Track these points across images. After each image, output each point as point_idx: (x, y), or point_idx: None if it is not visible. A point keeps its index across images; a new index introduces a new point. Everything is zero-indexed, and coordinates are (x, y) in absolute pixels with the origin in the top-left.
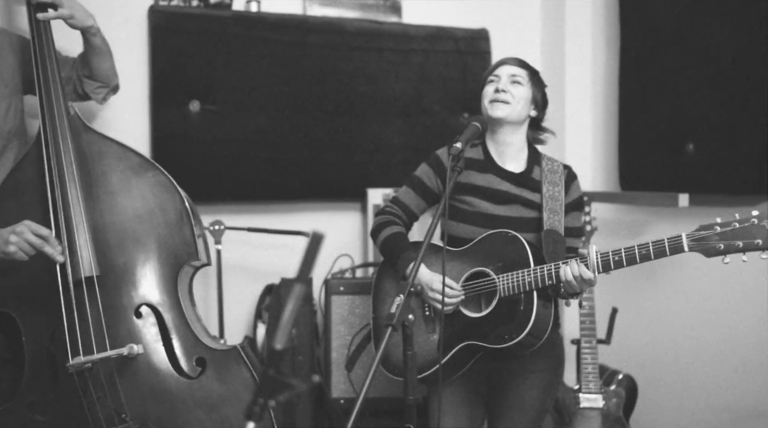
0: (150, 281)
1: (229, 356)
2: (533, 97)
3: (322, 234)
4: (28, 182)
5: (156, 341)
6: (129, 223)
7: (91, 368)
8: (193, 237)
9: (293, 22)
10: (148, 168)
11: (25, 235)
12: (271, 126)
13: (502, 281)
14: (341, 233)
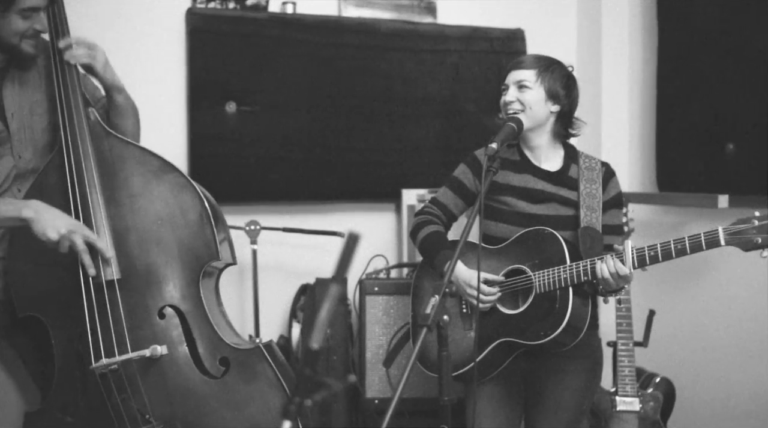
0: (172, 282)
1: (252, 355)
2: (548, 94)
3: (358, 234)
4: (51, 187)
5: (180, 341)
6: (150, 226)
7: (116, 370)
8: (214, 238)
9: (328, 23)
10: (168, 171)
11: (75, 236)
12: (306, 127)
13: (538, 278)
14: (376, 233)
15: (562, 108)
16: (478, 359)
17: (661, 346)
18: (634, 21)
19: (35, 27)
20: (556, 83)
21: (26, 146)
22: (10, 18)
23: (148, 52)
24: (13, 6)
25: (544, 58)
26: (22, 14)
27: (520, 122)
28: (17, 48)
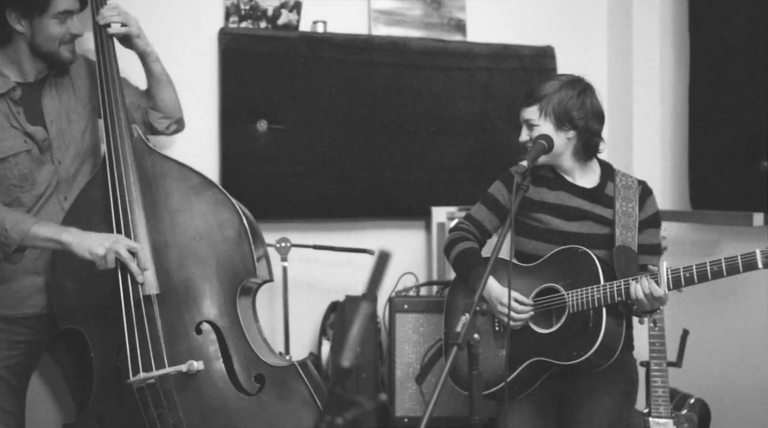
0: (210, 298)
1: (287, 373)
2: (556, 125)
3: (389, 252)
4: (95, 202)
5: (216, 357)
6: (189, 241)
7: (153, 384)
8: (252, 254)
9: (358, 41)
10: (207, 187)
11: (118, 246)
12: (336, 144)
13: (572, 297)
14: (406, 251)
15: (579, 130)
16: (509, 378)
17: (696, 366)
18: (666, 36)
19: (71, 31)
20: (564, 109)
21: (65, 152)
22: (46, 23)
23: (181, 71)
24: (48, 11)
25: (550, 86)
26: (58, 18)
27: (551, 139)
28: (56, 54)
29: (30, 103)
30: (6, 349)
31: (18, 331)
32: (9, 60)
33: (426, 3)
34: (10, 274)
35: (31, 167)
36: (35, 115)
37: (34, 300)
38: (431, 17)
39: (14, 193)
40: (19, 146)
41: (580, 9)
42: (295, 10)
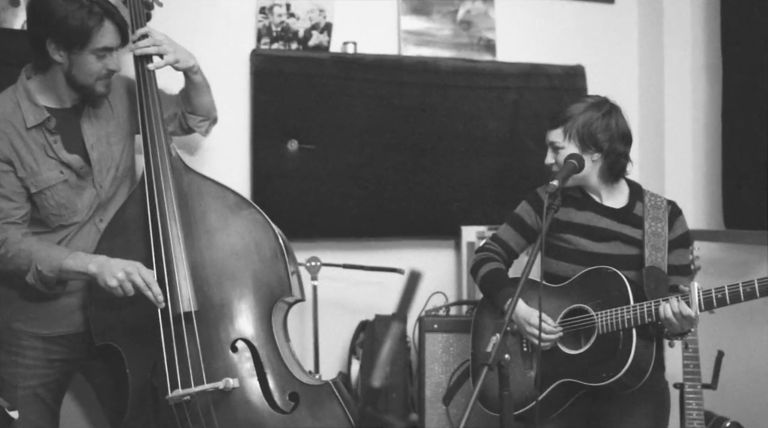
0: (245, 316)
1: (322, 391)
2: (581, 147)
3: (420, 272)
4: (133, 220)
5: (251, 375)
6: (226, 260)
7: (190, 400)
8: (287, 273)
9: (388, 62)
10: (244, 206)
11: (133, 276)
12: (366, 164)
13: (601, 318)
14: (435, 270)
15: (604, 152)
16: (539, 398)
17: (731, 389)
18: (698, 54)
19: (109, 67)
20: (588, 131)
21: (105, 176)
22: (85, 58)
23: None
24: (88, 46)
25: (575, 108)
26: (97, 54)
27: (581, 159)
28: (91, 88)
29: (68, 129)
30: (42, 367)
31: (54, 350)
32: (47, 87)
33: (455, 23)
34: (44, 298)
35: (70, 195)
36: (74, 141)
37: (69, 320)
38: (461, 37)
39: (54, 222)
40: (56, 177)
41: (610, 27)
42: (326, 32)
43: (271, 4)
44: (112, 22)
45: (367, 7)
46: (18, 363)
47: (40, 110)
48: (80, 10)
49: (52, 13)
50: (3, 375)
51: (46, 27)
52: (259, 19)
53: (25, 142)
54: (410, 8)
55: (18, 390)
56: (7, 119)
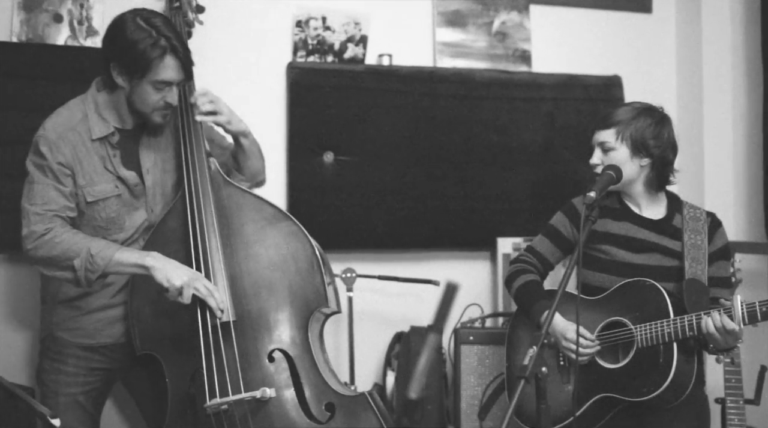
0: (282, 326)
1: (357, 402)
2: (633, 150)
3: (457, 284)
4: (173, 232)
5: (287, 385)
6: (263, 271)
7: (227, 409)
8: (323, 285)
9: (423, 74)
10: (281, 218)
11: (197, 283)
12: (401, 176)
13: (640, 332)
14: (471, 282)
15: (653, 159)
16: (577, 413)
17: None
18: (738, 63)
19: (166, 100)
20: (641, 136)
21: (158, 201)
22: (143, 87)
23: (250, 104)
24: (147, 76)
25: (627, 111)
26: (155, 86)
27: (619, 170)
28: (147, 117)
29: (127, 148)
30: (83, 375)
31: (95, 359)
32: (113, 105)
33: (491, 35)
34: (88, 309)
35: (120, 211)
36: (131, 161)
37: (110, 331)
38: (496, 49)
39: (100, 234)
40: (110, 190)
41: (647, 37)
42: (361, 44)
43: (307, 18)
44: (175, 57)
45: (402, 19)
46: (60, 371)
47: (107, 124)
48: (146, 40)
49: (122, 37)
50: (46, 382)
51: (113, 49)
52: (295, 32)
53: (87, 152)
54: (445, 20)
55: (59, 397)
56: (74, 127)
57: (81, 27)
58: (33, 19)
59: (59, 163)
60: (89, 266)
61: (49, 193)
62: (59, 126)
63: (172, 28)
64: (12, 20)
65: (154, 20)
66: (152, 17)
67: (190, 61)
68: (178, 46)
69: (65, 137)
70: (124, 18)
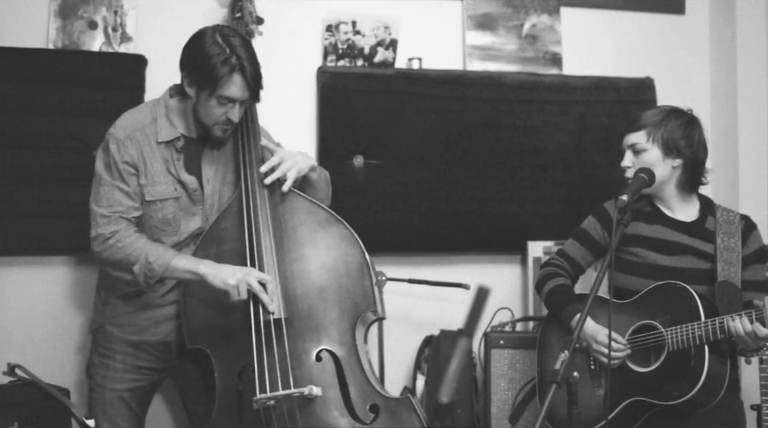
0: (331, 327)
1: (401, 405)
2: (664, 151)
3: (488, 288)
4: (227, 231)
5: (333, 385)
6: (314, 273)
7: (274, 405)
8: (372, 288)
9: (453, 77)
10: (333, 222)
11: (249, 278)
12: (432, 179)
13: (671, 335)
14: (501, 285)
15: (685, 159)
16: (608, 417)
17: None
18: None
19: (228, 116)
20: (672, 136)
21: (214, 211)
22: (209, 101)
23: (281, 108)
24: (215, 91)
25: (656, 113)
26: (219, 100)
27: (652, 173)
28: (209, 129)
29: (190, 155)
30: (130, 372)
31: (143, 357)
32: (182, 112)
33: (521, 38)
34: (138, 307)
35: (177, 214)
36: (193, 167)
37: (156, 329)
38: (526, 51)
39: (155, 234)
40: (169, 192)
41: (680, 38)
42: (391, 48)
43: (337, 22)
44: (243, 76)
45: (432, 23)
46: (108, 366)
47: (174, 128)
48: (219, 56)
49: (198, 49)
50: (94, 376)
51: (188, 60)
52: (325, 36)
53: (152, 153)
54: (475, 23)
55: (106, 392)
56: (142, 129)
57: (115, 33)
58: (69, 26)
59: (125, 161)
60: (147, 271)
61: (115, 195)
62: (129, 126)
63: (246, 49)
64: (48, 27)
65: (232, 39)
66: (231, 36)
67: (257, 83)
68: (248, 66)
69: (133, 136)
70: (205, 31)
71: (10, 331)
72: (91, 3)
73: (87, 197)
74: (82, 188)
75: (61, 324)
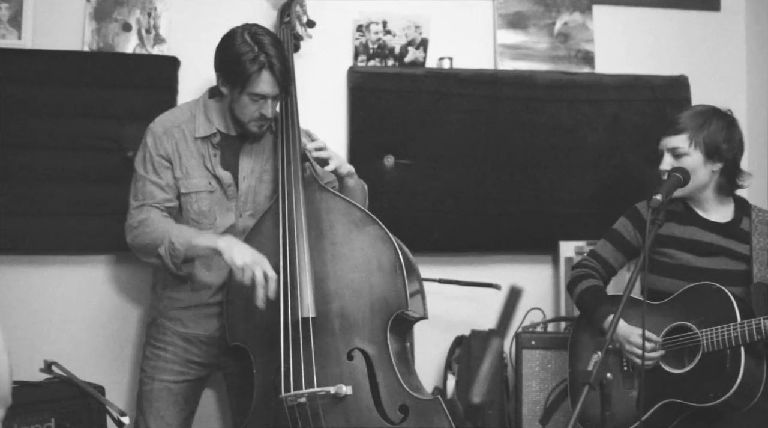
0: (362, 327)
1: (430, 406)
2: (706, 155)
3: (520, 288)
4: (266, 232)
5: (363, 384)
6: (348, 272)
7: (303, 403)
8: (405, 288)
9: (484, 76)
10: (368, 223)
11: (256, 266)
12: (462, 179)
13: (706, 336)
14: (532, 286)
15: (725, 163)
16: (642, 419)
17: None
18: None
19: (262, 112)
20: (714, 140)
21: (248, 208)
22: (242, 98)
23: (311, 108)
24: (246, 88)
25: (696, 115)
26: (251, 97)
27: (687, 172)
28: (245, 126)
29: (228, 152)
30: (180, 364)
31: (193, 351)
32: (220, 112)
33: (552, 36)
34: (188, 304)
35: (212, 207)
36: (230, 164)
37: (206, 324)
38: (558, 50)
39: (192, 226)
40: (203, 185)
41: (715, 36)
42: (422, 48)
43: (367, 22)
44: (271, 73)
45: (463, 22)
46: (159, 357)
47: (211, 125)
48: (248, 54)
49: (229, 49)
50: (146, 369)
51: (221, 59)
52: (356, 36)
53: (188, 148)
54: (506, 22)
55: (155, 383)
56: (180, 125)
57: (149, 35)
58: (103, 28)
59: (159, 155)
60: (172, 252)
61: (148, 187)
62: (167, 122)
63: (275, 46)
64: (84, 30)
65: (261, 37)
66: (260, 34)
67: (287, 78)
68: (277, 63)
69: (170, 132)
70: (235, 31)
71: (46, 328)
72: (125, 5)
73: (122, 197)
74: (116, 189)
75: (97, 322)
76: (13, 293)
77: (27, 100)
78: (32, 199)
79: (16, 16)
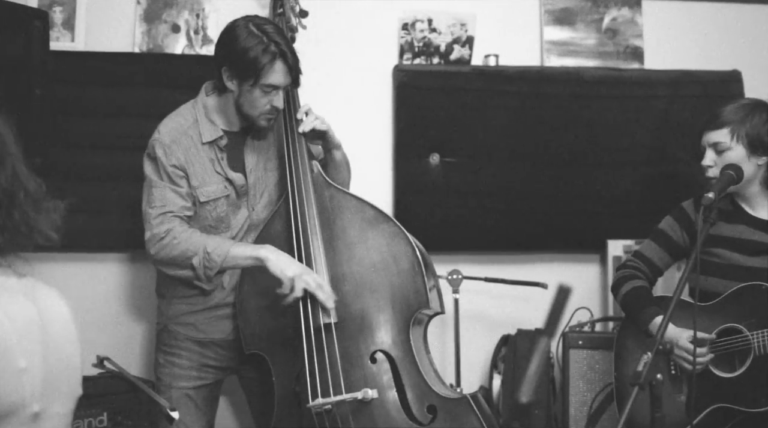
0: (384, 328)
1: (459, 405)
2: (749, 149)
3: (569, 287)
4: (277, 234)
5: (389, 386)
6: (365, 273)
7: (330, 410)
8: (425, 286)
9: (531, 73)
10: (382, 220)
11: (307, 276)
12: (508, 176)
13: (757, 338)
14: (580, 285)
15: None
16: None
17: None
18: None
19: (273, 103)
20: (758, 133)
21: (259, 200)
22: (252, 91)
23: (357, 107)
24: (258, 81)
25: (738, 109)
26: (264, 90)
27: (740, 169)
28: (254, 120)
29: (233, 150)
30: (196, 370)
31: (207, 355)
32: (221, 109)
33: (600, 32)
34: (201, 307)
35: (228, 211)
36: (237, 162)
37: (221, 327)
38: (606, 46)
39: (210, 233)
40: (220, 191)
41: None
42: (467, 45)
43: (413, 20)
44: (284, 62)
45: (509, 19)
46: (174, 364)
47: (216, 127)
48: (258, 45)
49: (235, 43)
50: (160, 376)
51: (226, 55)
52: (401, 35)
53: (198, 154)
54: (553, 18)
55: (172, 390)
56: (186, 131)
57: (197, 36)
58: (153, 29)
59: (173, 165)
60: (207, 263)
61: (167, 195)
62: (173, 130)
63: (282, 35)
64: (134, 32)
65: (266, 27)
66: (264, 24)
67: (297, 67)
68: (288, 52)
69: (178, 140)
70: (237, 24)
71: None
72: (174, 7)
73: None
74: None
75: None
76: (70, 289)
77: (80, 100)
78: (84, 198)
79: (69, 19)
